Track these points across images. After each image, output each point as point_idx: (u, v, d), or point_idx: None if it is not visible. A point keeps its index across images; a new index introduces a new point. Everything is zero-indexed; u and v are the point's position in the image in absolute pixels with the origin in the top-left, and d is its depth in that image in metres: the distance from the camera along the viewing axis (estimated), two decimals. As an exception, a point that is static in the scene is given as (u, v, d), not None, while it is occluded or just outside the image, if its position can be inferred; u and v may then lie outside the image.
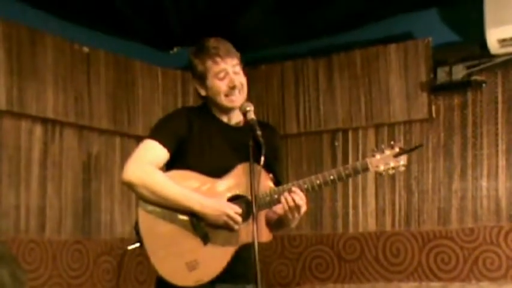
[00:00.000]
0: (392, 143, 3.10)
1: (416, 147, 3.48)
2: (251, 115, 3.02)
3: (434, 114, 4.88)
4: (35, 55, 4.59)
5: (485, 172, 4.71)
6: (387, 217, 5.00)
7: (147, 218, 3.02)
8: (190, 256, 2.99)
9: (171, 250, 2.99)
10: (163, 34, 5.38)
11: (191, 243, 3.00)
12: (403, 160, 3.08)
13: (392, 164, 3.07)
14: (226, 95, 3.08)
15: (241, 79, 3.11)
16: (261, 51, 5.50)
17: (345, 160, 5.16)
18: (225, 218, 2.97)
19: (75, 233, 4.83)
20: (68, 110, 4.78)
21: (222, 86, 3.08)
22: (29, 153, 4.58)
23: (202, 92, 3.15)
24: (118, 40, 5.26)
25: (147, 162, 3.01)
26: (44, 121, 4.68)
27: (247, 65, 5.52)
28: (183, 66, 5.67)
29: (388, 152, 3.08)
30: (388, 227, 4.99)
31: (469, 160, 4.76)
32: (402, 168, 3.10)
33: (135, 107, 5.27)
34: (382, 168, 3.07)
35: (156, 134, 3.09)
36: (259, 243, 2.96)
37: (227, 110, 3.14)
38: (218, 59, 3.08)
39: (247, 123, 3.07)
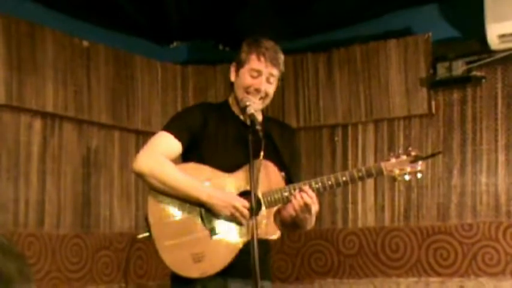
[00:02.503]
0: (410, 148, 3.11)
1: (434, 154, 3.48)
2: (251, 110, 3.04)
3: (433, 110, 4.88)
4: (35, 49, 4.58)
5: (484, 168, 4.71)
6: (386, 212, 5.00)
7: (156, 208, 3.04)
8: (197, 248, 3.00)
9: (178, 241, 3.01)
10: (163, 29, 5.37)
11: (198, 235, 3.02)
12: (420, 166, 3.08)
13: (408, 169, 3.08)
14: (247, 92, 3.10)
15: (269, 89, 3.12)
16: (261, 46, 5.49)
17: (345, 155, 5.16)
18: (232, 210, 2.98)
19: (74, 227, 4.83)
20: (67, 104, 4.78)
21: (248, 82, 3.10)
22: (28, 147, 4.58)
23: (232, 77, 3.18)
24: (117, 34, 5.25)
25: (158, 152, 3.05)
26: (44, 115, 4.67)
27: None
28: (182, 61, 5.67)
29: (404, 157, 3.09)
30: (387, 223, 4.99)
31: (469, 156, 4.76)
32: (419, 175, 3.10)
33: (135, 102, 5.27)
34: (396, 172, 3.08)
35: (170, 126, 3.13)
36: (267, 240, 3.02)
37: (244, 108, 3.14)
38: (262, 58, 3.09)
39: (261, 119, 3.11)
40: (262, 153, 2.86)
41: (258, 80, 3.09)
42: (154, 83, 5.43)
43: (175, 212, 3.03)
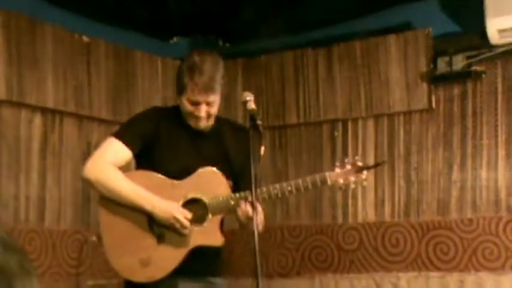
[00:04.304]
0: (356, 158, 3.24)
1: (377, 165, 3.63)
2: (251, 105, 3.05)
3: (434, 105, 4.88)
4: (35, 44, 4.58)
5: (484, 162, 4.71)
6: (386, 207, 5.00)
7: (106, 214, 3.13)
8: (145, 253, 3.10)
9: (126, 246, 3.11)
10: (163, 24, 5.37)
11: (146, 241, 3.11)
12: (364, 175, 3.19)
13: (353, 179, 3.19)
14: (192, 117, 3.16)
15: (211, 110, 3.16)
16: (261, 41, 5.49)
17: (345, 151, 5.16)
18: (173, 221, 3.06)
19: (74, 222, 4.84)
20: (67, 100, 4.78)
21: (190, 109, 3.15)
22: (28, 143, 4.58)
23: (177, 100, 3.23)
24: (118, 29, 5.25)
25: (105, 160, 3.12)
26: (44, 111, 4.68)
27: (247, 55, 5.55)
28: (182, 56, 5.65)
29: (348, 167, 3.19)
30: (387, 218, 4.99)
31: (469, 150, 4.77)
32: (365, 183, 3.23)
33: (135, 97, 5.27)
34: (341, 182, 3.19)
35: (119, 133, 3.20)
36: (211, 247, 3.15)
37: None
38: (196, 90, 3.11)
39: (220, 124, 3.25)
40: (263, 148, 2.89)
41: (197, 108, 3.13)
42: (154, 78, 5.43)
43: (124, 218, 3.11)
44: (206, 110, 3.13)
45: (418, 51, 4.90)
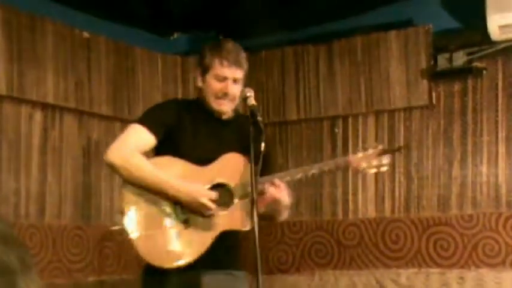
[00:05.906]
0: (376, 143, 3.24)
1: (399, 148, 3.63)
2: (251, 101, 3.06)
3: (434, 101, 4.88)
4: (35, 40, 4.58)
5: (485, 159, 4.71)
6: (387, 203, 5.00)
7: (131, 199, 3.09)
8: (170, 239, 3.08)
9: (152, 232, 3.07)
10: (164, 20, 5.37)
11: (172, 226, 3.08)
12: (385, 159, 3.20)
13: (375, 163, 3.20)
14: (217, 97, 3.16)
15: (236, 90, 3.16)
16: (261, 37, 5.49)
17: (345, 147, 5.16)
18: (197, 203, 3.03)
19: (75, 218, 4.84)
20: (68, 96, 4.78)
21: (216, 87, 3.15)
22: (29, 139, 4.59)
23: (199, 83, 3.23)
24: (118, 26, 5.25)
25: (130, 145, 3.10)
26: (44, 106, 4.68)
27: (248, 51, 5.52)
28: (183, 52, 5.66)
29: (371, 151, 3.21)
30: (387, 214, 4.99)
31: (469, 147, 4.76)
32: (385, 168, 3.24)
33: (135, 93, 5.27)
34: (364, 165, 3.21)
35: (143, 119, 3.18)
36: (237, 231, 3.12)
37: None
38: (225, 63, 3.13)
39: (232, 117, 3.23)
40: (263, 145, 2.88)
41: (224, 84, 3.14)
42: (155, 74, 5.43)
43: (149, 204, 3.08)
44: (232, 90, 3.13)
45: (419, 48, 4.89)
